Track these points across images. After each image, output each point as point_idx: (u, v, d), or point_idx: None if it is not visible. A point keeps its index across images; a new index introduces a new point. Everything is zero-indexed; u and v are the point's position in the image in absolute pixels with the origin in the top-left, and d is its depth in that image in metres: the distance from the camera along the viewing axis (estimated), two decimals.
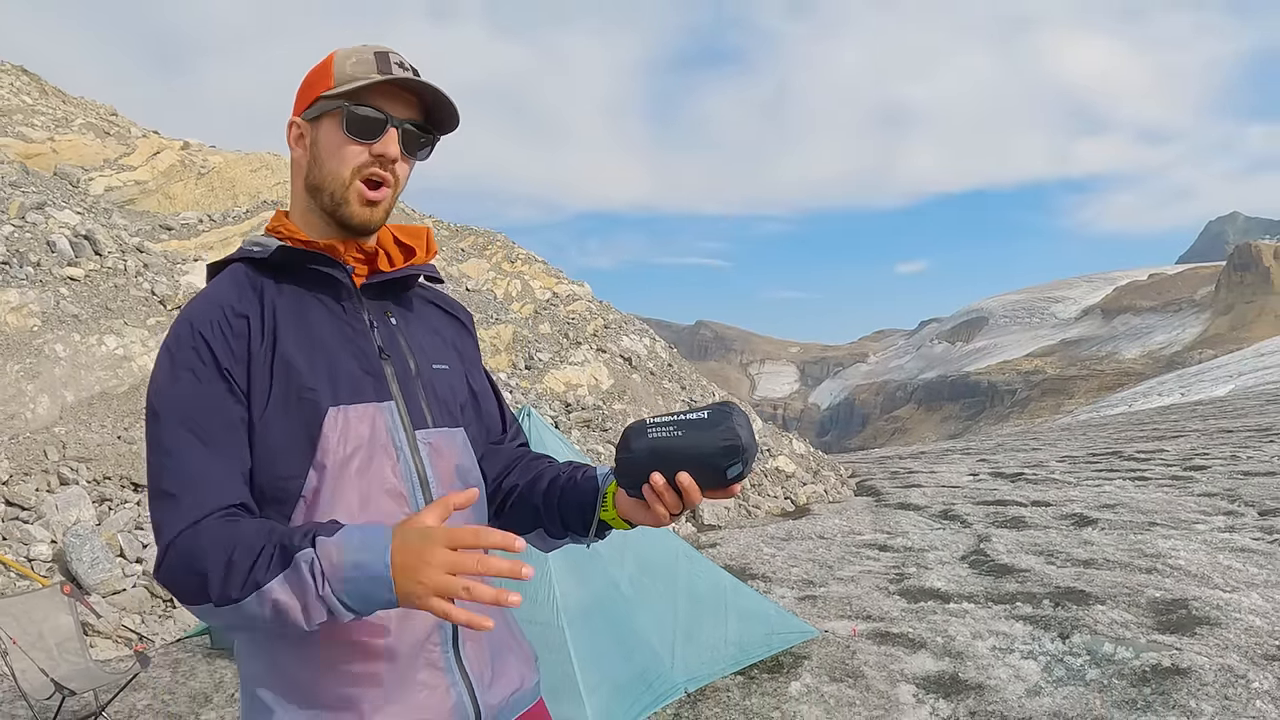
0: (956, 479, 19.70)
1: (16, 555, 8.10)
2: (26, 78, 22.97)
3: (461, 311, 2.20)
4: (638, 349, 20.92)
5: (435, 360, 1.98)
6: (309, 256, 1.82)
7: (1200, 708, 5.67)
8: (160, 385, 1.69)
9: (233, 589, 1.52)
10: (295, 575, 1.50)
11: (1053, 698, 6.13)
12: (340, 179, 1.82)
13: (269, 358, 1.72)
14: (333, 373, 1.76)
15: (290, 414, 1.71)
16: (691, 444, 1.71)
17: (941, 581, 9.54)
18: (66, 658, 6.13)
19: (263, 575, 1.51)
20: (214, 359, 1.68)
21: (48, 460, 9.28)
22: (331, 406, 1.73)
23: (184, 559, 1.56)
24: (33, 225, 12.66)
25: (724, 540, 12.60)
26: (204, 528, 1.58)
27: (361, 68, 1.81)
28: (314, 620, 1.53)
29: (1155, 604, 8.04)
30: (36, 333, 10.62)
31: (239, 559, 1.52)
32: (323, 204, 1.86)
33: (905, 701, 6.26)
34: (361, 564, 1.48)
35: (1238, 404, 47.90)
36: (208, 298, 1.77)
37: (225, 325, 1.71)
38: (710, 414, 1.75)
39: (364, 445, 1.75)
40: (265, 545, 1.53)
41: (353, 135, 1.81)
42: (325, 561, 1.50)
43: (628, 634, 5.98)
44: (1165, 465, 19.88)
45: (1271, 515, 12.47)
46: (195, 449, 1.64)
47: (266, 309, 1.77)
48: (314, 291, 1.85)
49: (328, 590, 1.50)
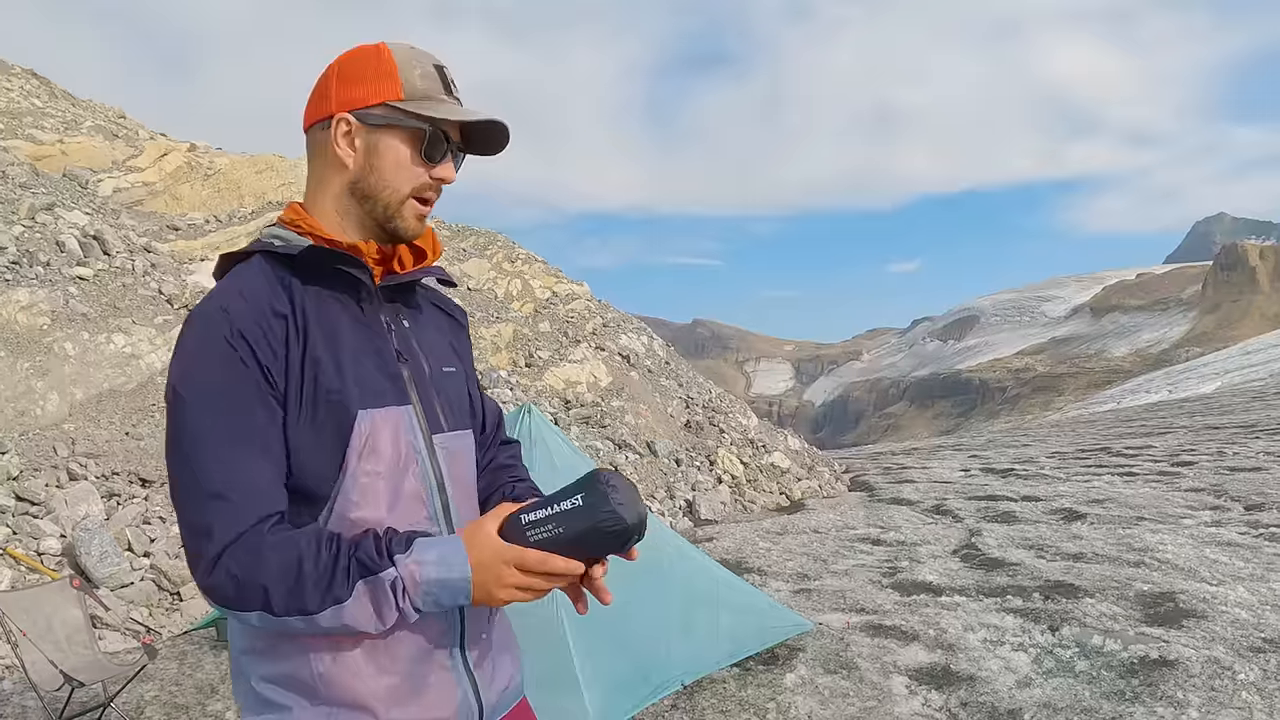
0: (948, 475, 19.71)
1: (27, 549, 8.10)
2: (36, 81, 22.94)
3: (459, 312, 2.18)
4: (636, 347, 20.92)
5: (445, 363, 1.97)
6: (337, 257, 1.76)
7: (1187, 699, 5.67)
8: (196, 384, 1.61)
9: (308, 602, 1.54)
10: (376, 590, 1.56)
11: (1042, 689, 6.13)
12: (400, 195, 1.79)
13: (301, 359, 1.68)
14: (358, 375, 1.73)
15: (320, 417, 1.68)
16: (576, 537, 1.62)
17: (933, 575, 9.54)
18: (75, 650, 6.13)
19: (343, 591, 1.54)
20: (255, 359, 1.62)
21: (57, 456, 9.28)
22: (360, 409, 1.70)
23: (243, 568, 1.53)
24: (42, 226, 12.65)
25: (720, 534, 12.60)
26: (262, 536, 1.56)
27: (429, 83, 1.78)
28: (386, 625, 1.60)
29: (1143, 597, 8.05)
30: (46, 331, 10.61)
31: (310, 571, 1.54)
32: (373, 213, 1.81)
33: (898, 693, 6.26)
34: (444, 581, 1.58)
35: (1224, 401, 47.93)
36: (238, 291, 1.69)
37: (266, 325, 1.65)
38: (585, 498, 1.63)
39: (389, 449, 1.74)
40: (338, 560, 1.56)
41: (428, 159, 1.79)
42: (407, 579, 1.57)
43: (625, 628, 5.97)
44: (1153, 461, 19.89)
45: (1257, 510, 12.47)
46: (243, 451, 1.60)
47: (296, 308, 1.71)
48: (335, 291, 1.79)
49: (406, 603, 1.58)
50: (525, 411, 6.68)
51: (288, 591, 1.53)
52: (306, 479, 1.68)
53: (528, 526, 1.63)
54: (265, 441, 1.62)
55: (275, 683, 1.71)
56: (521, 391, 16.49)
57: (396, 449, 1.75)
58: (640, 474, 14.89)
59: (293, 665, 1.69)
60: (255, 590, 1.53)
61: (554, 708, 5.52)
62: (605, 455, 14.83)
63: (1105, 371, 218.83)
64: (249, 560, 1.53)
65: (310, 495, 1.69)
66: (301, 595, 1.53)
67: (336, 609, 1.54)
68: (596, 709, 5.42)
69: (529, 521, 1.63)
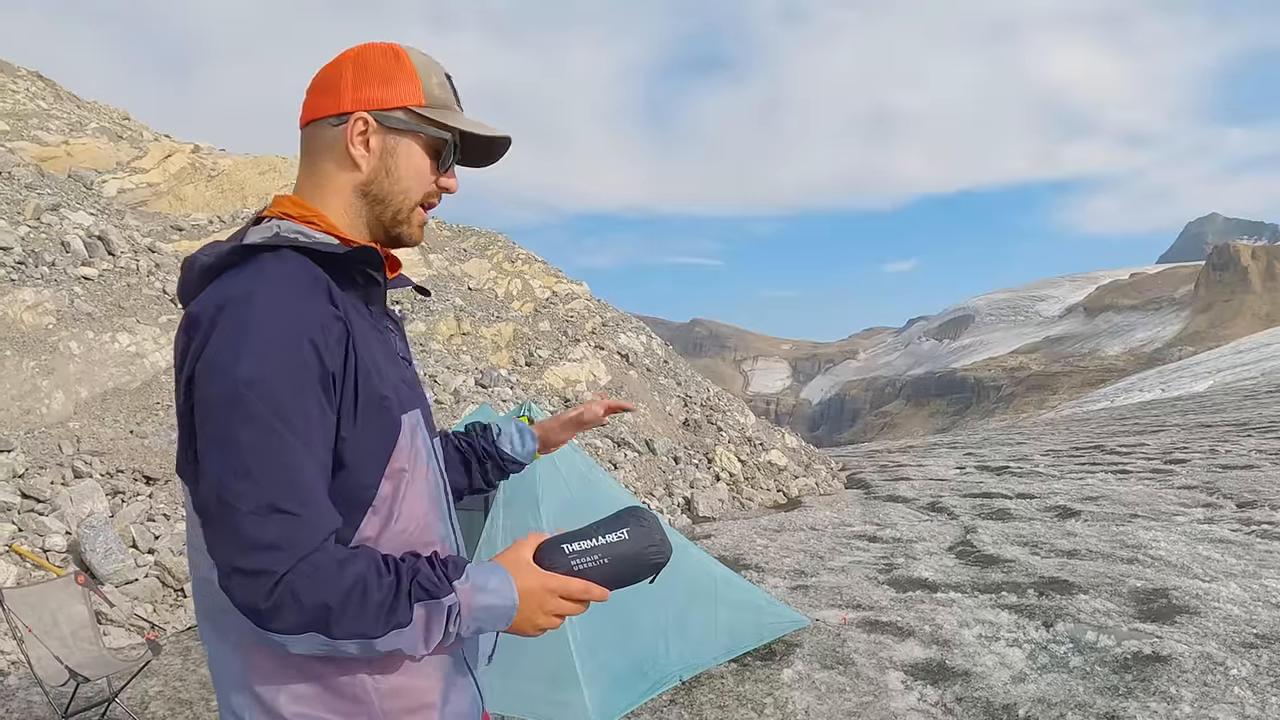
0: (944, 472, 19.71)
1: (32, 546, 8.10)
2: (42, 83, 22.92)
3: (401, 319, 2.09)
4: (634, 346, 20.91)
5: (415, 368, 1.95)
6: (376, 261, 1.70)
7: (1180, 694, 5.68)
8: (261, 384, 1.47)
9: (369, 627, 1.48)
10: (433, 615, 1.54)
11: (1037, 684, 6.14)
12: (411, 202, 1.77)
13: (355, 365, 1.60)
14: (391, 379, 1.69)
15: (374, 423, 1.63)
16: (618, 570, 1.68)
17: (929, 572, 9.55)
18: (80, 645, 6.12)
19: (405, 616, 1.51)
20: (321, 365, 1.53)
21: (62, 454, 9.27)
22: (402, 414, 1.68)
23: (306, 590, 1.44)
24: (48, 226, 12.64)
25: (718, 531, 12.60)
26: (325, 557, 1.48)
27: (445, 92, 1.78)
28: (429, 650, 1.57)
29: (1136, 593, 8.05)
30: (51, 330, 10.60)
31: (374, 596, 1.48)
32: (381, 216, 1.78)
33: (894, 688, 6.27)
34: (493, 608, 1.59)
35: (1216, 399, 47.95)
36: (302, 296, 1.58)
37: (329, 330, 1.56)
38: (631, 532, 1.70)
39: (421, 453, 1.74)
40: (399, 583, 1.52)
41: (443, 169, 1.79)
42: (464, 605, 1.57)
43: (625, 624, 5.98)
44: (1146, 459, 19.89)
45: (1249, 507, 12.48)
46: (305, 463, 1.50)
47: (342, 310, 1.62)
48: (353, 296, 1.72)
49: (456, 628, 1.57)
50: (526, 409, 6.68)
51: (353, 616, 1.46)
52: (352, 486, 1.62)
53: (573, 556, 1.66)
54: (322, 454, 1.55)
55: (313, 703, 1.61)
56: (522, 390, 16.49)
57: (423, 452, 1.76)
58: (639, 471, 14.88)
59: (337, 684, 1.61)
60: (318, 613, 1.45)
61: (554, 702, 5.53)
62: (604, 453, 14.82)
63: (1099, 370, 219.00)
64: (314, 582, 1.45)
65: (351, 503, 1.62)
66: (364, 619, 1.47)
67: (397, 633, 1.50)
68: (596, 704, 5.43)
69: (574, 551, 1.67)
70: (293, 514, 1.46)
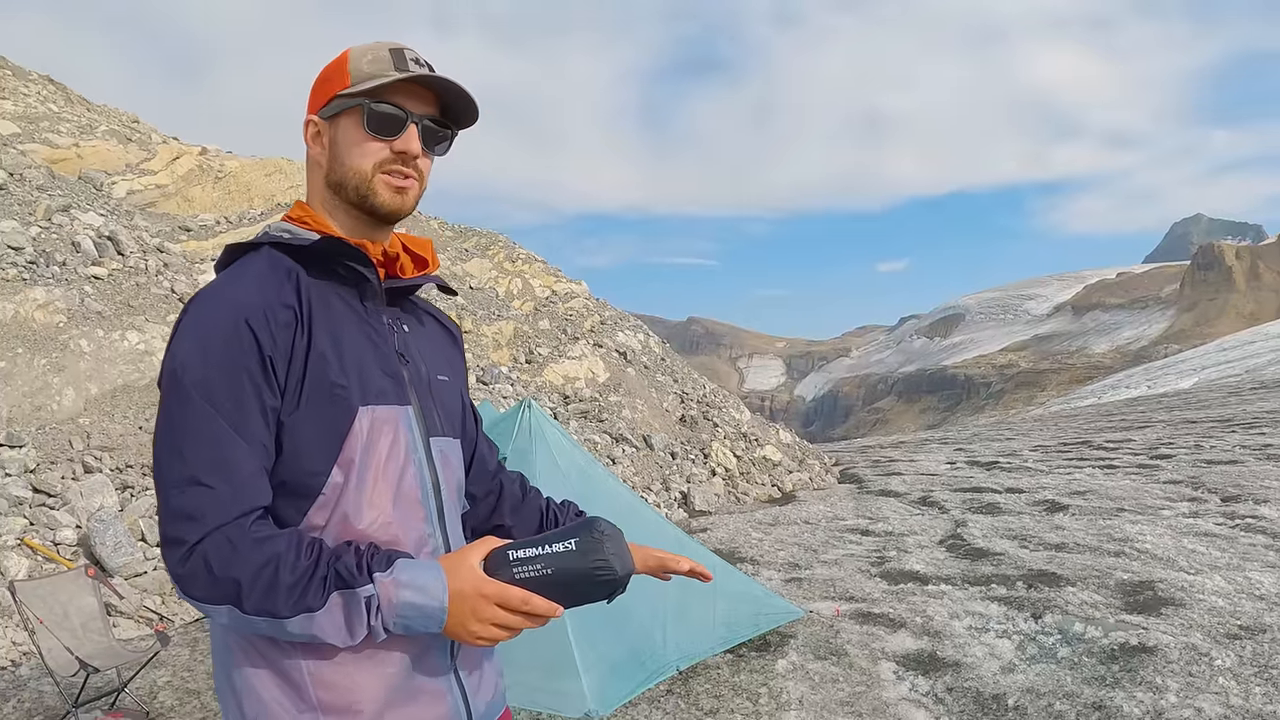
0: (935, 467, 19.70)
1: (44, 539, 8.09)
2: (53, 87, 22.89)
3: (454, 326, 2.15)
4: (632, 344, 20.90)
5: (438, 371, 1.93)
6: (347, 251, 1.74)
7: (1166, 684, 5.68)
8: (195, 368, 1.55)
9: (279, 606, 1.48)
10: (351, 605, 1.51)
11: (1026, 675, 6.14)
12: (362, 174, 1.76)
13: (305, 351, 1.63)
14: (361, 372, 1.69)
15: (321, 410, 1.63)
16: (563, 581, 1.57)
17: (920, 564, 9.54)
18: (90, 637, 6.12)
19: (316, 601, 1.49)
20: (258, 349, 1.57)
21: (73, 449, 9.26)
22: (361, 405, 1.66)
23: (219, 561, 1.47)
24: (59, 227, 12.63)
25: (714, 525, 12.60)
26: (243, 532, 1.50)
27: (378, 65, 1.75)
28: (354, 640, 1.55)
29: (1123, 586, 8.05)
30: (62, 328, 10.60)
31: (285, 577, 1.48)
32: (348, 199, 1.78)
33: (886, 678, 6.27)
34: (418, 606, 1.53)
35: (1201, 396, 47.94)
36: (250, 284, 1.66)
37: (272, 315, 1.60)
38: (579, 543, 1.59)
39: (388, 447, 1.70)
40: (316, 568, 1.51)
41: (373, 132, 1.74)
42: (383, 598, 1.52)
43: (622, 615, 5.97)
44: (1133, 454, 19.88)
45: (1233, 501, 12.47)
46: (233, 440, 1.54)
47: (303, 300, 1.66)
48: (340, 288, 1.76)
49: (378, 621, 1.53)
50: (525, 406, 6.67)
51: (262, 592, 1.47)
52: (298, 472, 1.63)
53: (515, 564, 1.58)
54: (256, 433, 1.57)
55: (261, 686, 1.64)
56: (522, 387, 16.48)
57: (396, 448, 1.72)
58: (637, 467, 14.89)
59: (282, 667, 1.63)
60: (228, 585, 1.47)
61: (553, 691, 5.53)
62: (603, 448, 14.83)
63: (1086, 367, 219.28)
64: (226, 553, 1.48)
65: (300, 488, 1.63)
66: (274, 598, 1.48)
67: (307, 617, 1.49)
68: (594, 693, 5.43)
69: (517, 559, 1.58)
70: (210, 487, 1.50)
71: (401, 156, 1.77)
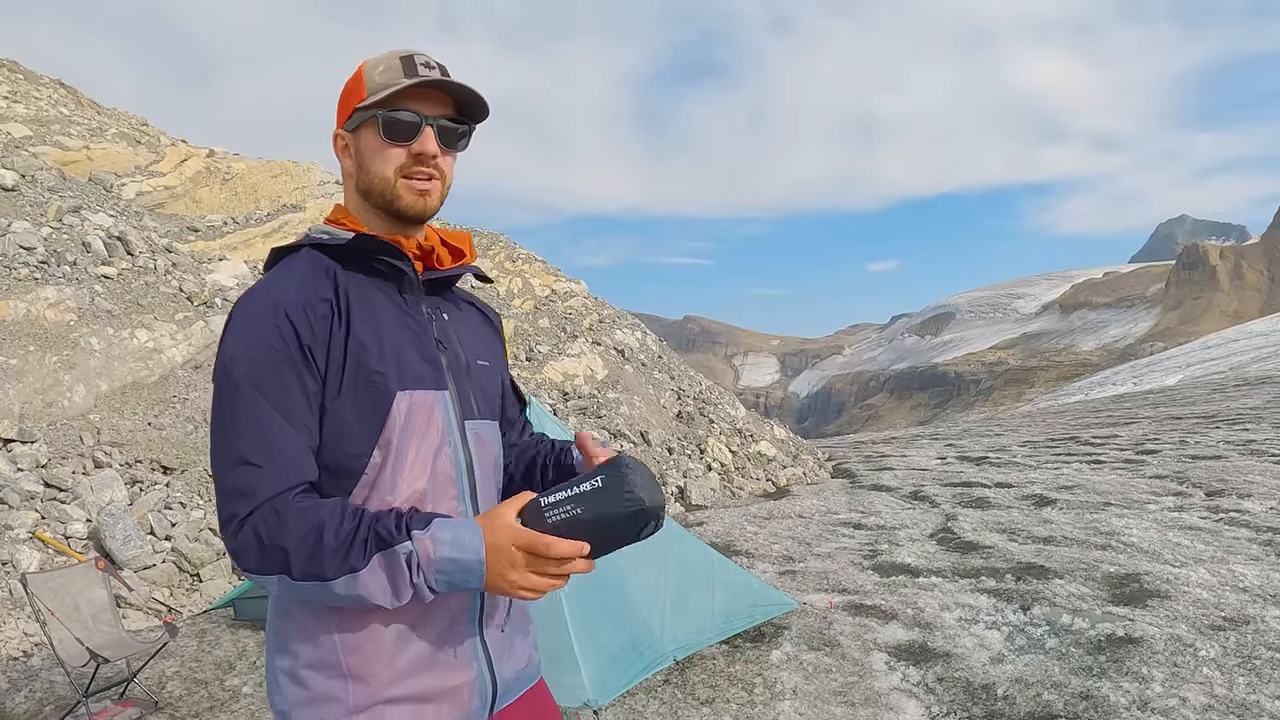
0: (925, 462, 19.72)
1: (55, 533, 8.09)
2: (64, 90, 22.87)
3: (493, 313, 2.22)
4: (630, 342, 20.91)
5: (478, 356, 2.01)
6: (381, 247, 1.82)
7: (1152, 674, 5.68)
8: (241, 360, 1.66)
9: (325, 568, 1.54)
10: (391, 563, 1.56)
11: (1015, 665, 6.14)
12: (386, 179, 1.82)
13: (344, 341, 1.72)
14: (398, 358, 1.77)
15: (360, 395, 1.71)
16: (595, 519, 1.57)
17: (912, 557, 9.55)
18: (101, 628, 6.12)
19: (359, 560, 1.55)
20: (297, 339, 1.67)
21: (84, 445, 9.26)
22: (399, 390, 1.74)
23: (268, 531, 1.56)
24: (70, 227, 12.62)
25: (710, 519, 12.61)
26: (288, 504, 1.58)
27: (389, 74, 1.81)
28: (400, 600, 1.59)
29: (1110, 578, 8.06)
30: (73, 327, 10.59)
31: (330, 540, 1.55)
32: (376, 204, 1.86)
33: (878, 669, 6.27)
34: (458, 561, 1.57)
35: (1186, 393, 47.98)
36: (287, 278, 1.76)
37: (310, 308, 1.70)
38: (605, 479, 1.59)
39: (425, 430, 1.77)
40: (358, 531, 1.57)
41: (390, 139, 1.81)
42: (422, 555, 1.56)
43: (621, 606, 5.98)
44: (1119, 450, 19.90)
45: (1217, 496, 12.49)
46: (277, 423, 1.63)
47: (341, 294, 1.76)
48: (378, 282, 1.85)
49: (420, 579, 1.57)
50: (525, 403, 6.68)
51: (307, 556, 1.54)
52: (341, 454, 1.71)
53: (547, 509, 1.59)
54: (300, 416, 1.66)
55: (300, 655, 1.73)
56: (522, 384, 16.48)
57: (432, 430, 1.78)
58: None
59: (318, 639, 1.71)
60: (277, 553, 1.55)
61: (552, 682, 5.52)
62: (601, 443, 14.83)
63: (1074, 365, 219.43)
64: (274, 524, 1.55)
65: (343, 470, 1.71)
66: (320, 560, 1.54)
67: (351, 578, 1.55)
68: (593, 683, 5.42)
69: (548, 504, 1.59)
70: (258, 466, 1.59)
71: (420, 158, 1.82)
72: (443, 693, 1.77)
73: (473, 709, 1.81)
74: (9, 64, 22.20)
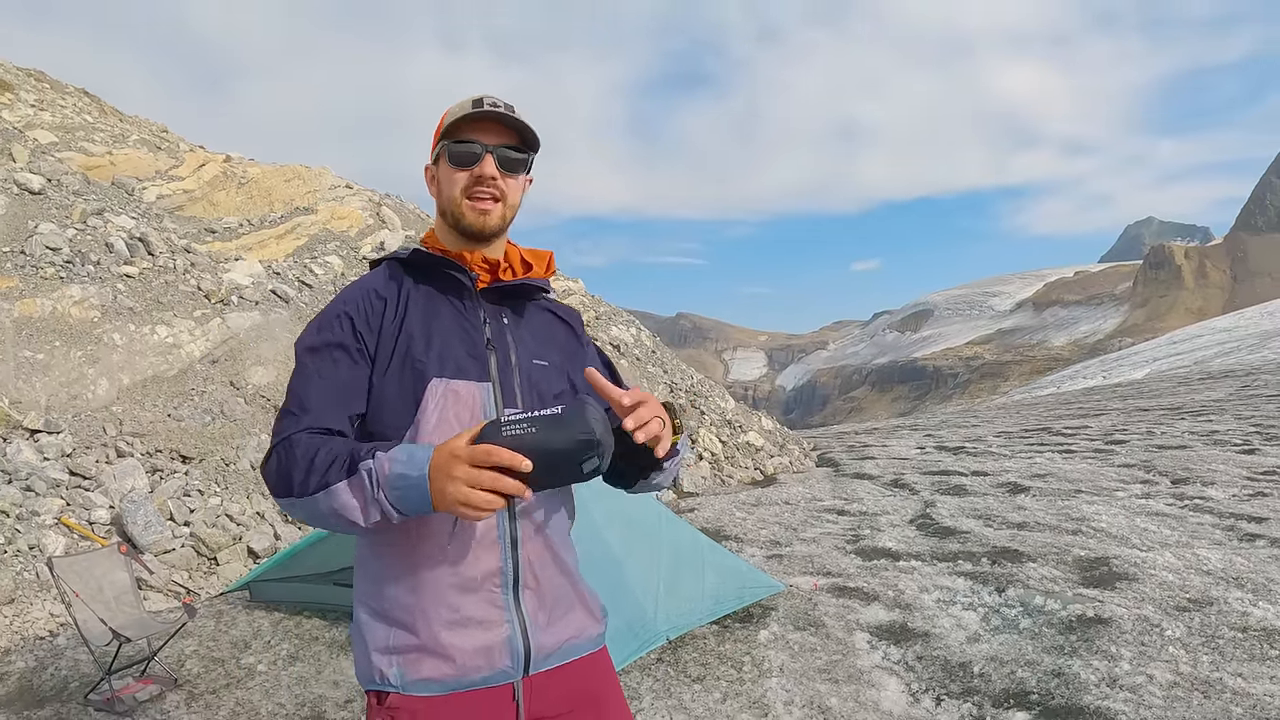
0: (905, 452, 19.72)
1: (79, 519, 8.07)
2: (88, 99, 22.81)
3: (572, 316, 2.31)
4: (625, 338, 20.89)
5: (536, 356, 2.10)
6: (439, 260, 2.05)
7: (1120, 653, 5.69)
8: (306, 343, 1.96)
9: (309, 485, 1.73)
10: (357, 480, 1.69)
11: (990, 644, 6.14)
12: (454, 199, 2.03)
13: (396, 331, 1.96)
14: (443, 352, 1.96)
15: (402, 377, 1.92)
16: (545, 439, 1.61)
17: (892, 542, 9.55)
18: (123, 609, 6.12)
19: (334, 477, 1.71)
20: (352, 327, 1.94)
21: (106, 435, 9.24)
22: (435, 377, 1.92)
23: (281, 459, 1.78)
24: (93, 229, 12.59)
25: (700, 505, 12.60)
26: (301, 437, 1.80)
27: (459, 112, 2.01)
28: (370, 519, 1.71)
29: (1080, 562, 8.06)
30: (97, 323, 10.57)
31: (319, 462, 1.73)
32: (449, 222, 2.07)
33: (860, 648, 6.27)
34: (406, 476, 1.65)
35: (1153, 386, 48.05)
36: (359, 284, 2.05)
37: (367, 303, 1.98)
38: (565, 411, 1.65)
39: (456, 412, 1.92)
40: (340, 455, 1.73)
41: (455, 165, 2.02)
42: (379, 471, 1.67)
43: (616, 588, 5.98)
44: (1089, 440, 19.93)
45: (1182, 484, 12.51)
46: (317, 386, 1.89)
47: (402, 296, 2.01)
48: (442, 289, 2.05)
49: (381, 495, 1.67)
50: None
51: (303, 474, 1.74)
52: (383, 424, 1.92)
53: (506, 423, 1.63)
54: (342, 383, 1.91)
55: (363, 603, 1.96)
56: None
57: (470, 416, 1.92)
58: None
59: (375, 593, 1.93)
60: (286, 477, 1.76)
61: None
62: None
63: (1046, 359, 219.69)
64: (286, 453, 1.78)
65: (383, 437, 1.90)
66: (311, 478, 1.73)
67: (329, 492, 1.71)
68: None
69: (509, 419, 1.64)
70: (291, 412, 1.87)
71: (480, 180, 2.01)
72: (475, 649, 1.88)
73: (503, 667, 1.90)
74: (36, 74, 22.14)
